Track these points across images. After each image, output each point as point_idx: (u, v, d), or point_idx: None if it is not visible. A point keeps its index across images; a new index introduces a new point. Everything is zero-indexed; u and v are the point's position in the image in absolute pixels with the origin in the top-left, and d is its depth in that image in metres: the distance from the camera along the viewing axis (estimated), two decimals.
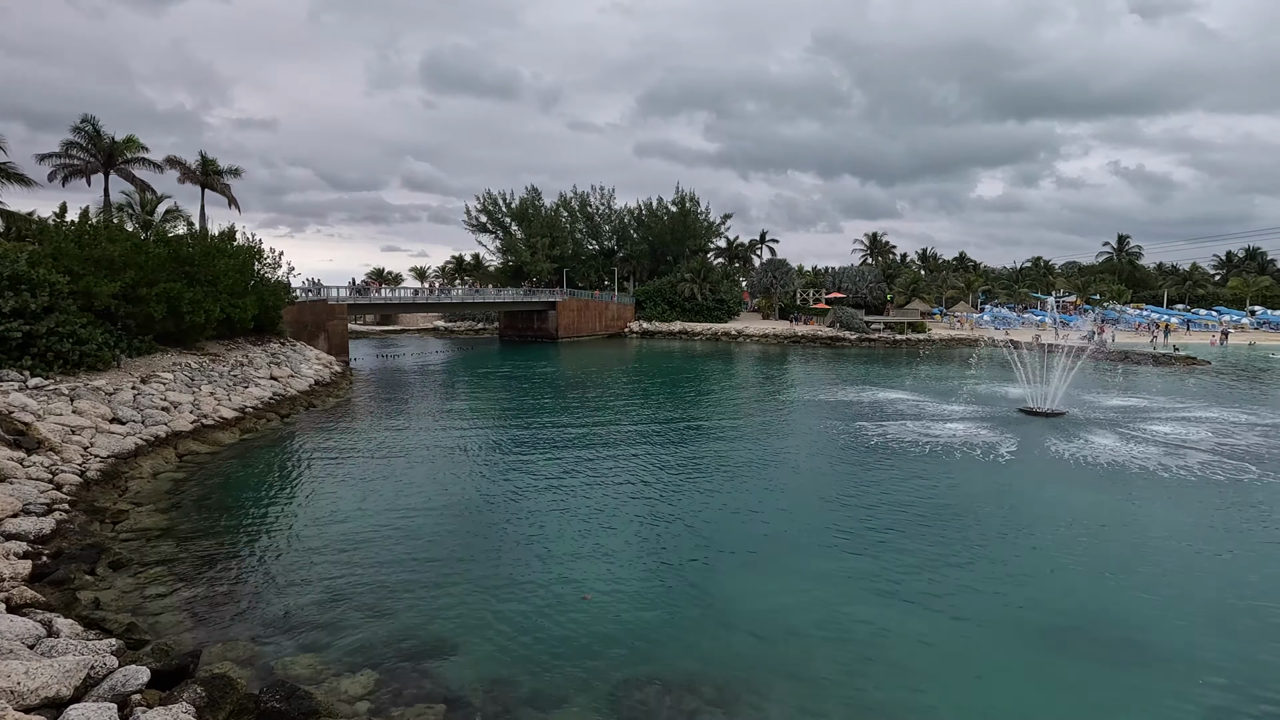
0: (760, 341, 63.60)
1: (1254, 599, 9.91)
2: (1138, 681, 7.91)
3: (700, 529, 12.81)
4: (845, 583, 10.47)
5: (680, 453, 18.95)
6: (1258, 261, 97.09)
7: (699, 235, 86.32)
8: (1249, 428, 22.18)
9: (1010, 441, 19.81)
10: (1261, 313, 75.82)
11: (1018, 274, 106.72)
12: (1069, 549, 11.85)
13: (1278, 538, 12.30)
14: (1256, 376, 38.40)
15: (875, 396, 28.85)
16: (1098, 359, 33.91)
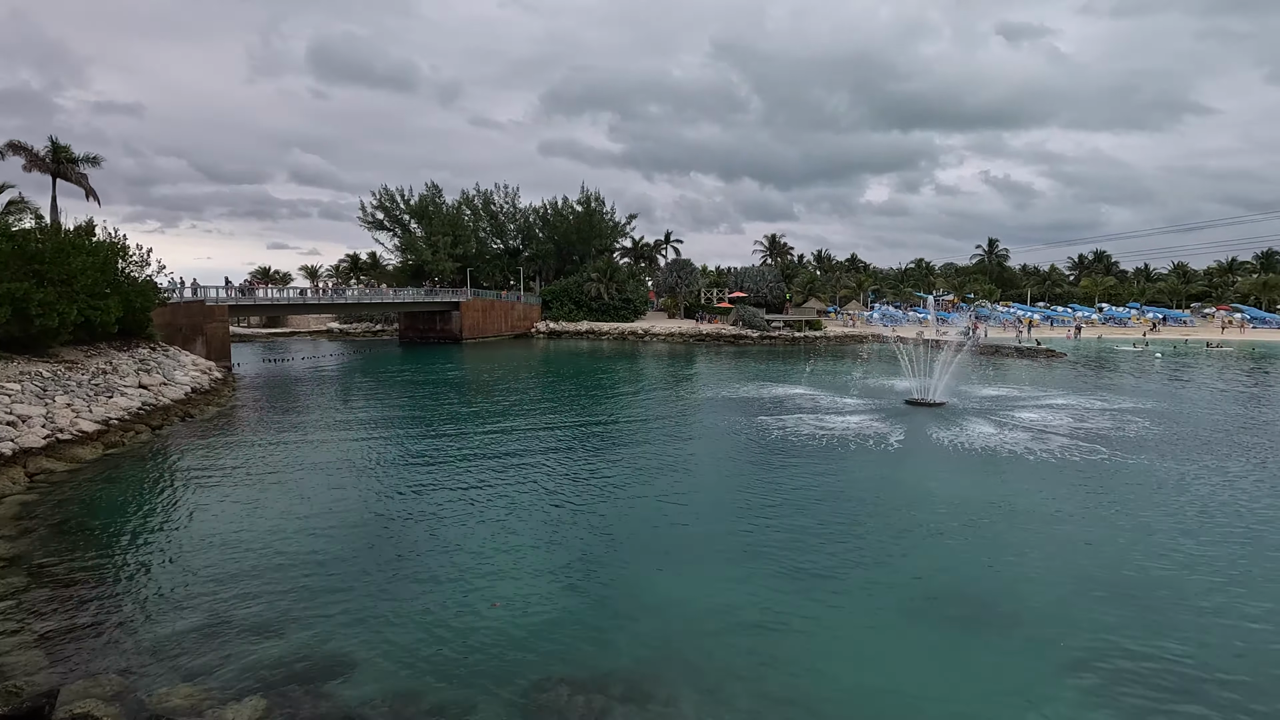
0: (667, 340, 64.57)
1: (1108, 566, 11.05)
2: (1010, 645, 8.64)
3: (609, 529, 12.85)
4: (749, 573, 10.82)
5: (589, 454, 18.94)
6: (1104, 263, 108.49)
7: (605, 235, 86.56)
8: (1100, 413, 24.73)
9: (899, 431, 21.13)
10: (1108, 309, 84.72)
11: (903, 274, 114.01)
12: (952, 528, 12.78)
13: (1125, 512, 13.78)
14: (1104, 366, 42.93)
15: (776, 392, 29.98)
16: (973, 353, 36.76)
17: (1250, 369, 41.82)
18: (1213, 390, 32.23)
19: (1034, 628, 9.06)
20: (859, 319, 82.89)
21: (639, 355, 51.09)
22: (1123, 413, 24.74)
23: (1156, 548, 11.73)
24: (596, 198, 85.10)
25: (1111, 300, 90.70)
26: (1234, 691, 7.55)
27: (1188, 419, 23.88)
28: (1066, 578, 10.59)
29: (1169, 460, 17.72)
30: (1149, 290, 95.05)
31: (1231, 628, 8.97)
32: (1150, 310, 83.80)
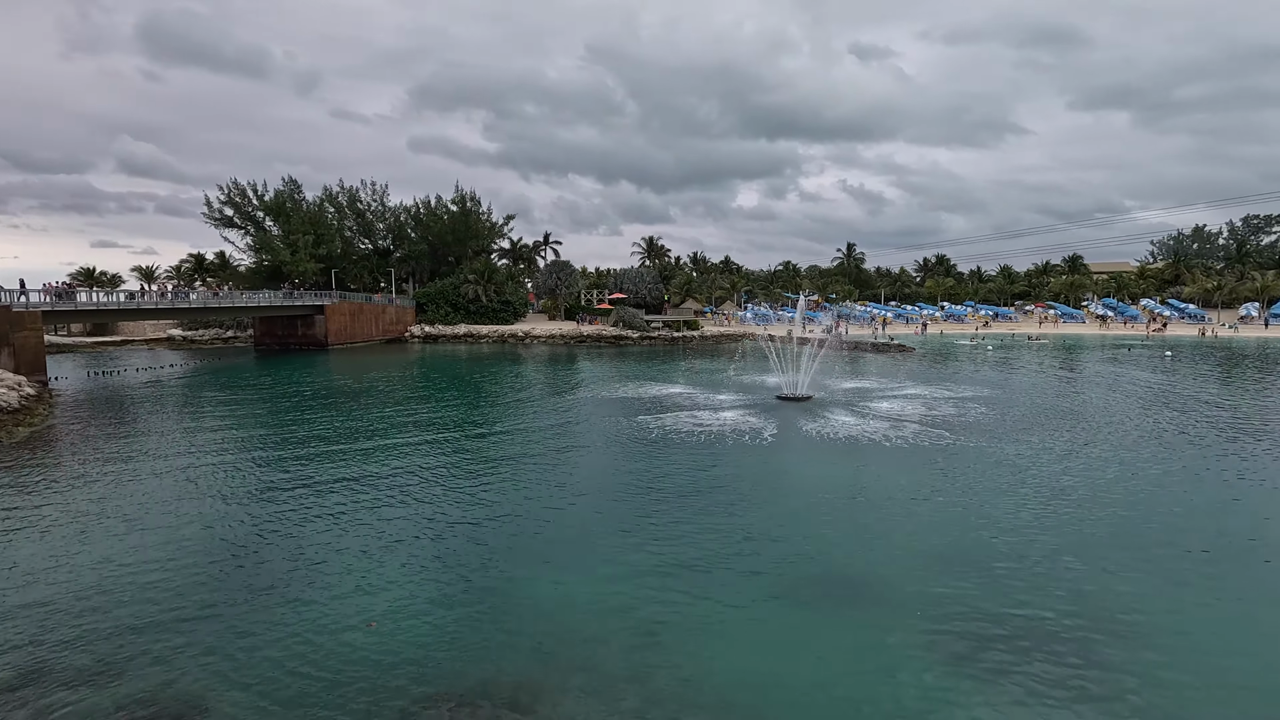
0: (548, 342, 64.02)
1: (957, 540, 12.21)
2: (875, 619, 9.32)
3: (490, 537, 12.54)
4: (630, 571, 10.94)
5: (468, 461, 18.39)
6: (945, 266, 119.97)
7: (482, 235, 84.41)
8: (945, 401, 27.31)
9: (771, 425, 22.22)
10: (949, 308, 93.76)
11: (773, 276, 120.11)
12: (820, 514, 13.60)
13: (970, 490, 15.28)
14: (947, 359, 47.49)
15: (656, 391, 30.57)
16: (836, 350, 39.38)
17: (1063, 358, 47.86)
18: (1035, 377, 36.58)
19: (895, 601, 9.83)
20: (733, 319, 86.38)
21: (520, 358, 50.29)
22: (964, 400, 27.47)
23: (998, 521, 13.11)
24: (472, 197, 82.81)
25: (951, 299, 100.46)
26: (1066, 644, 8.59)
27: (1017, 404, 26.93)
28: (922, 553, 11.59)
29: (1004, 441, 19.87)
30: (981, 290, 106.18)
31: (1064, 587, 10.20)
32: (983, 308, 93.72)
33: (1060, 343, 62.65)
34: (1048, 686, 7.64)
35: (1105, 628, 8.94)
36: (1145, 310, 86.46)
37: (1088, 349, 55.39)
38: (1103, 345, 58.77)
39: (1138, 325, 79.56)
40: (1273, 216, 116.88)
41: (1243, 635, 8.88)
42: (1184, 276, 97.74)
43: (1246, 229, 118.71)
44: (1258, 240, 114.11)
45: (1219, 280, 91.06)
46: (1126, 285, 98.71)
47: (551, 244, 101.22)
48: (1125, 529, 12.67)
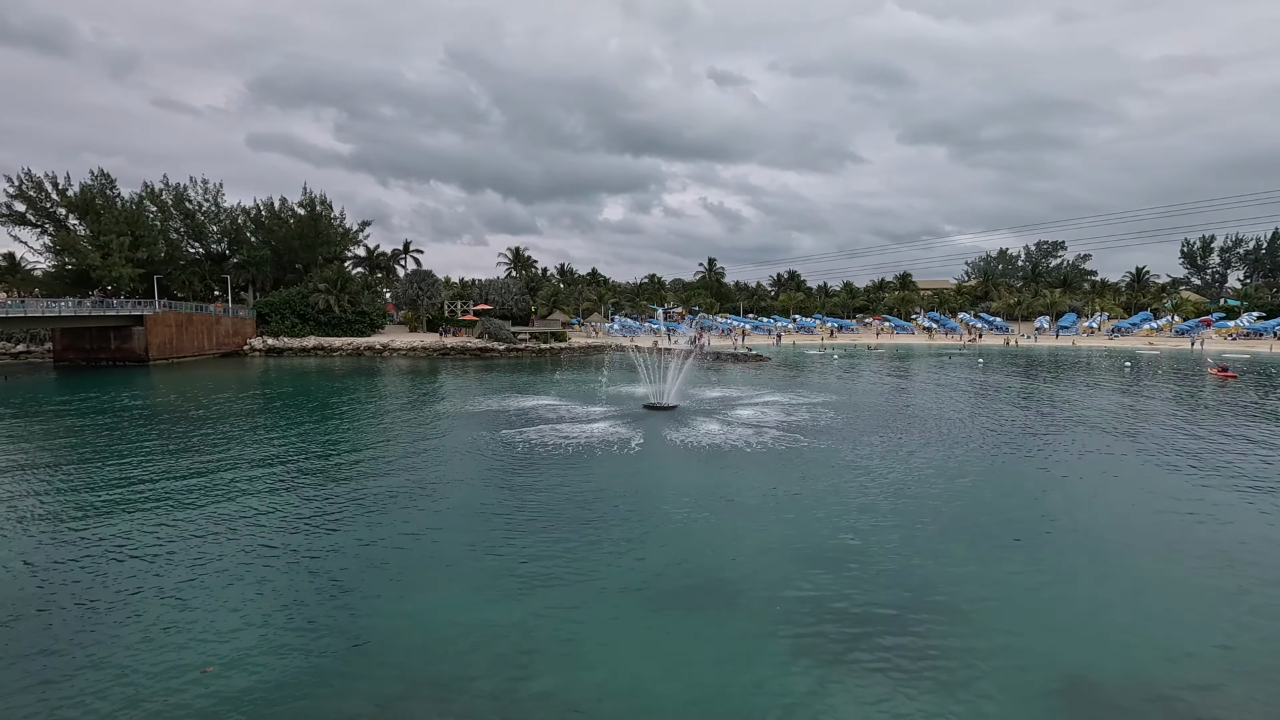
0: (409, 355, 61.10)
1: (811, 538, 13.02)
2: (737, 619, 9.71)
3: (342, 568, 11.70)
4: (497, 592, 10.65)
5: (317, 486, 17.07)
6: (796, 281, 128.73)
7: (334, 242, 79.21)
8: (800, 407, 29.16)
9: (639, 435, 22.59)
10: (800, 320, 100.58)
11: (639, 288, 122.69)
12: (686, 520, 13.99)
13: (823, 490, 16.38)
14: (799, 367, 50.85)
15: (524, 403, 30.10)
16: (699, 360, 40.87)
17: (897, 366, 52.85)
18: (875, 383, 40.07)
19: (757, 601, 10.31)
20: (601, 330, 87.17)
21: (377, 372, 47.54)
22: (815, 405, 29.50)
23: (847, 517, 14.15)
24: (323, 200, 77.51)
25: (802, 312, 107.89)
26: (904, 627, 9.41)
27: (861, 407, 29.32)
28: (782, 553, 12.25)
29: (851, 443, 21.54)
30: (828, 304, 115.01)
31: (904, 576, 11.17)
32: (829, 320, 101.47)
33: (894, 352, 69.14)
34: (889, 667, 8.34)
35: (937, 609, 9.93)
36: (962, 323, 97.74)
37: (917, 357, 61.64)
38: (929, 353, 65.66)
39: (956, 336, 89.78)
40: (1058, 243, 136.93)
41: (1046, 608, 10.21)
42: (992, 293, 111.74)
43: (1039, 253, 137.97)
44: (1047, 263, 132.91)
45: (1019, 297, 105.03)
46: (947, 300, 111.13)
47: (412, 253, 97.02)
48: (953, 519, 14.16)
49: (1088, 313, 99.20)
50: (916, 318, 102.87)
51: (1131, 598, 10.47)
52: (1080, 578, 11.23)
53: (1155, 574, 11.41)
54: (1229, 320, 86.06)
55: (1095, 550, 12.44)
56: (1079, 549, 12.51)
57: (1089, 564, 11.81)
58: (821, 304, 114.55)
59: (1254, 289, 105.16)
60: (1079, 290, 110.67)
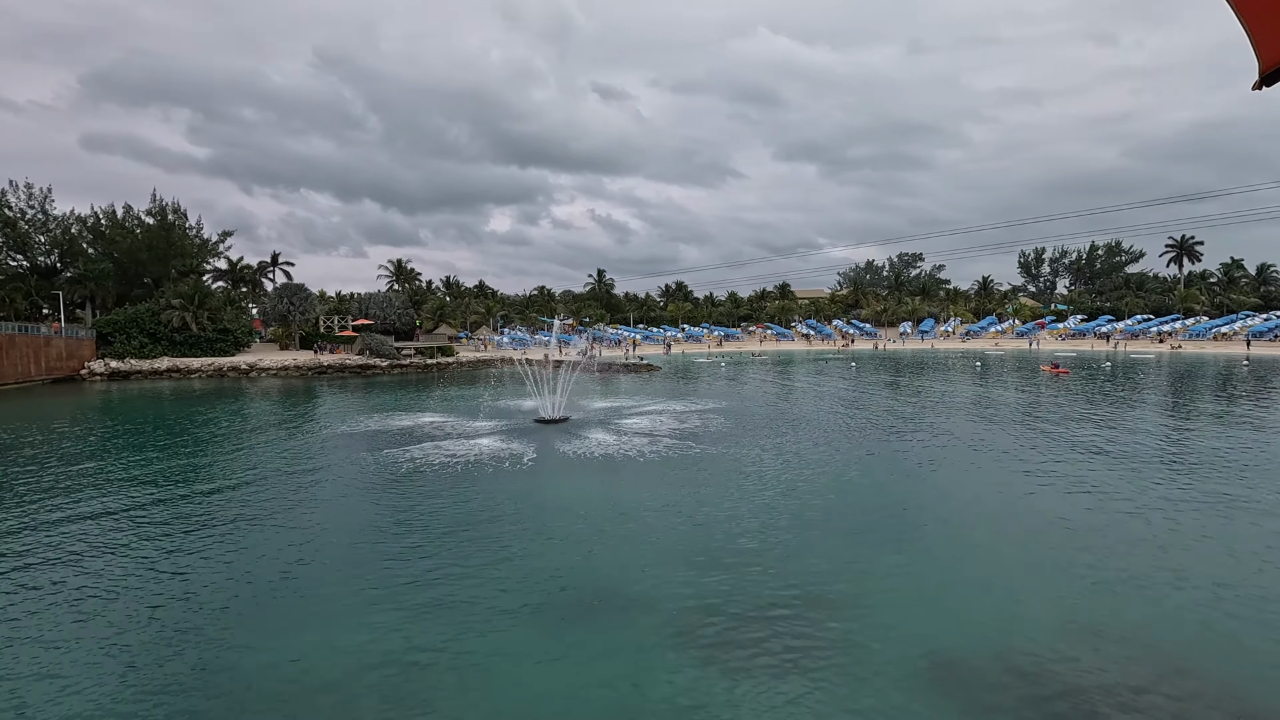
0: (280, 375, 56.91)
1: (706, 542, 13.23)
2: (633, 629, 9.67)
3: (207, 611, 10.59)
4: (382, 618, 10.03)
5: (175, 523, 15.41)
6: (683, 292, 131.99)
7: (189, 254, 72.66)
8: (690, 414, 29.78)
9: (530, 449, 22.18)
10: (688, 329, 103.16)
11: (528, 300, 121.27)
12: (581, 532, 13.82)
13: (716, 494, 16.72)
14: (688, 376, 52.06)
15: (409, 422, 28.77)
16: (590, 371, 40.87)
17: (779, 371, 55.35)
18: (760, 388, 41.71)
19: (653, 609, 10.31)
20: (490, 343, 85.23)
21: (244, 395, 43.84)
22: (705, 412, 30.24)
23: (737, 520, 14.50)
24: (176, 209, 70.99)
25: (690, 321, 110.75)
26: (790, 622, 9.73)
27: (748, 412, 30.38)
28: (675, 560, 12.35)
29: (739, 447, 22.21)
30: (714, 313, 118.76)
31: (789, 573, 11.58)
32: (716, 329, 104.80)
33: (777, 358, 72.45)
34: (781, 662, 8.60)
35: (822, 602, 10.38)
36: (836, 329, 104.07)
37: (797, 362, 64.91)
38: (808, 359, 69.34)
39: (831, 341, 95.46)
40: (918, 254, 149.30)
41: (918, 591, 10.94)
42: (862, 301, 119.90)
43: (901, 264, 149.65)
44: (908, 273, 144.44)
45: (885, 304, 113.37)
46: (822, 308, 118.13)
47: (282, 265, 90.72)
48: (835, 514, 14.90)
49: (944, 318, 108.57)
50: (796, 325, 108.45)
51: (992, 577, 11.43)
52: (947, 561, 12.14)
53: (1013, 553, 12.53)
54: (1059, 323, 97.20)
55: (960, 535, 13.51)
56: (945, 535, 13.54)
57: (955, 548, 12.80)
58: (708, 313, 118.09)
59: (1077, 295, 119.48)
60: (936, 298, 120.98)
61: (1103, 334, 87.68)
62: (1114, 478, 17.60)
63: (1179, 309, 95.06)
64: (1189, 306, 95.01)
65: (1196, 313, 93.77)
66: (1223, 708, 7.62)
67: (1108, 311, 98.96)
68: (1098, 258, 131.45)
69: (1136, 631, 9.43)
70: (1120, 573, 11.40)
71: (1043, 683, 8.11)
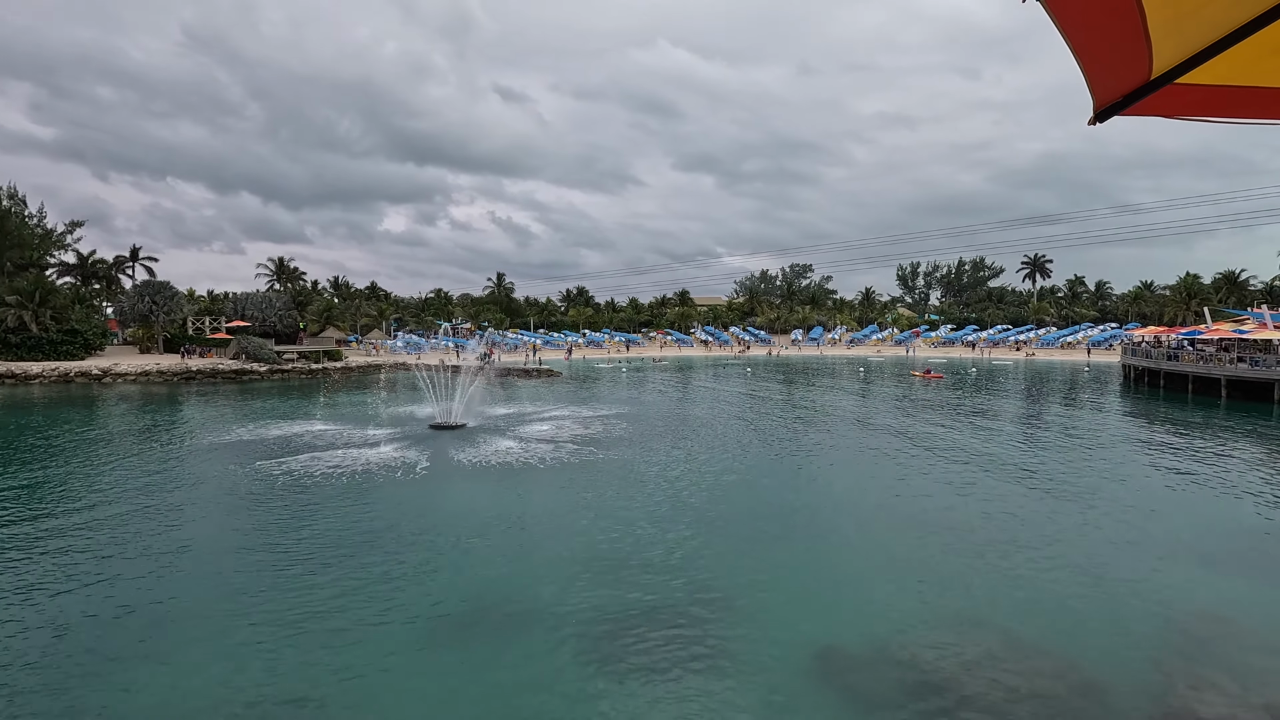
0: (140, 381, 51.72)
1: (596, 548, 13.20)
2: (533, 639, 9.48)
3: (62, 645, 9.41)
4: (263, 640, 9.29)
5: (12, 552, 13.62)
6: (585, 297, 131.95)
7: (28, 245, 64.77)
8: (592, 420, 29.70)
9: (424, 457, 21.35)
10: (590, 335, 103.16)
11: (424, 303, 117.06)
12: (473, 543, 13.43)
13: (612, 500, 16.74)
14: (590, 381, 52.01)
15: (290, 430, 26.94)
16: (489, 376, 39.93)
17: (680, 376, 56.42)
18: (661, 394, 42.30)
19: (553, 617, 10.16)
20: (382, 347, 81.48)
21: (94, 403, 39.47)
22: (607, 417, 30.28)
23: (637, 525, 14.58)
24: (12, 194, 63.06)
25: (591, 327, 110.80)
26: (689, 622, 9.88)
27: (649, 418, 30.69)
28: (573, 566, 12.24)
29: (641, 452, 22.37)
30: (615, 319, 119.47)
31: (687, 576, 11.75)
32: (617, 335, 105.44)
33: (677, 364, 73.79)
34: (670, 663, 8.71)
35: (715, 603, 10.63)
36: (734, 336, 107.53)
37: (697, 368, 66.43)
38: (707, 364, 71.12)
39: (729, 348, 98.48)
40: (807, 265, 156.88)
41: (804, 589, 11.42)
42: (757, 309, 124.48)
43: (793, 274, 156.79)
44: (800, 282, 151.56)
45: (778, 312, 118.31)
46: (720, 315, 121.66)
47: (143, 260, 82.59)
48: (729, 517, 15.32)
49: (831, 326, 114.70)
50: (695, 331, 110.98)
51: (870, 573, 12.13)
52: (831, 560, 12.78)
53: (889, 550, 13.35)
54: (932, 331, 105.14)
55: (843, 534, 14.26)
56: (830, 534, 14.25)
57: (838, 547, 13.49)
58: (610, 319, 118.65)
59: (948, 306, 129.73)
60: (824, 307, 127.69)
61: (969, 342, 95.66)
62: (978, 476, 19.19)
63: (1033, 320, 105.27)
64: (1040, 318, 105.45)
65: (1047, 323, 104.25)
66: (1067, 679, 8.45)
67: (973, 322, 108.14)
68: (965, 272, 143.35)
69: (995, 618, 10.30)
70: (981, 563, 12.42)
71: (917, 669, 8.68)
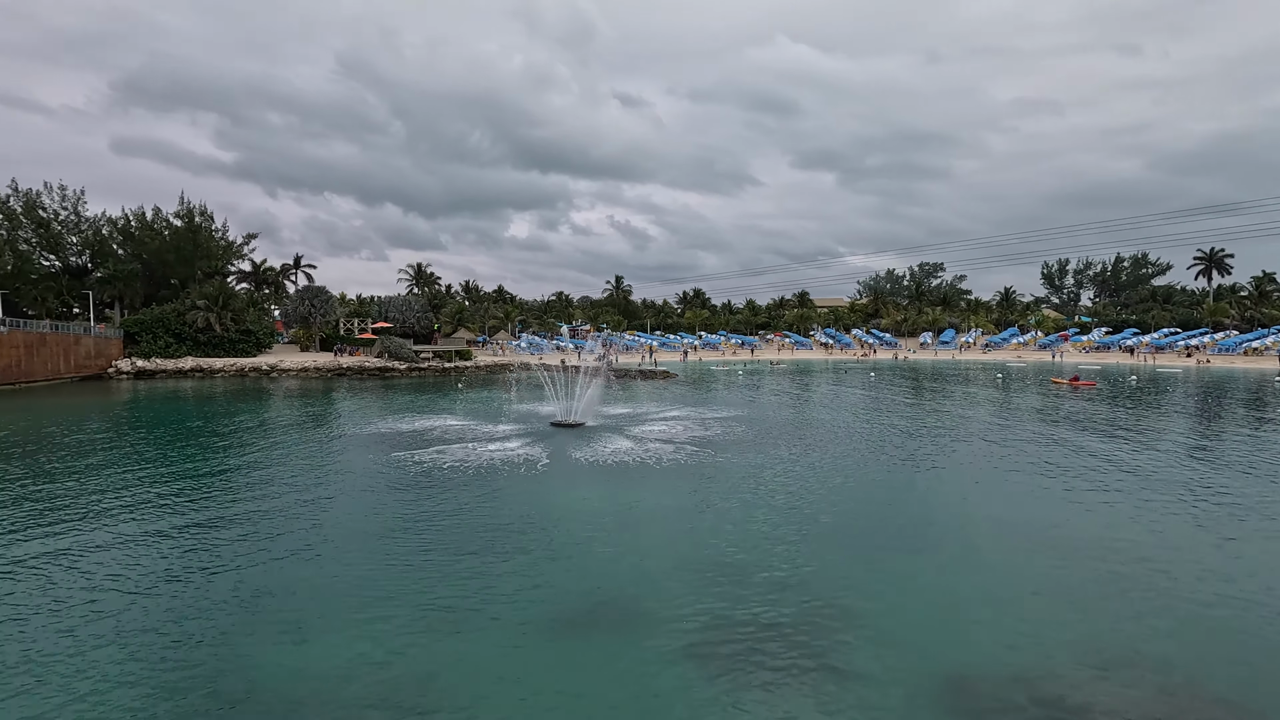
0: (300, 376, 57.62)
1: (712, 552, 13.10)
2: (644, 640, 9.58)
3: (218, 608, 10.68)
4: (392, 623, 10.03)
5: (191, 520, 15.59)
6: (701, 299, 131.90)
7: (215, 256, 74.03)
8: (707, 422, 29.62)
9: (545, 454, 22.18)
10: (706, 336, 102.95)
11: (546, 306, 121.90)
12: (590, 539, 13.76)
13: (726, 503, 16.59)
14: (705, 383, 51.87)
15: (425, 424, 28.95)
16: (606, 377, 40.88)
17: (797, 380, 54.98)
18: (778, 397, 41.44)
19: (664, 619, 10.22)
20: (508, 348, 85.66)
21: (265, 395, 44.42)
22: (723, 420, 30.09)
23: (753, 530, 14.36)
24: (203, 211, 72.31)
25: (707, 329, 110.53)
26: (805, 635, 9.60)
27: (765, 421, 30.16)
28: (688, 568, 12.24)
29: (756, 455, 22.03)
30: (732, 321, 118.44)
31: (806, 585, 11.43)
32: (733, 337, 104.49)
33: (795, 367, 71.97)
34: (785, 677, 8.46)
35: (834, 616, 10.22)
36: (856, 339, 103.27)
37: (816, 372, 64.42)
38: (827, 368, 68.81)
39: (851, 351, 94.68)
40: (938, 264, 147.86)
41: (931, 609, 10.73)
42: (882, 311, 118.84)
43: (921, 273, 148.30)
44: (929, 282, 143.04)
45: (905, 314, 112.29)
46: (842, 317, 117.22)
47: (304, 267, 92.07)
48: (850, 526, 14.71)
49: (965, 329, 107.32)
50: (814, 334, 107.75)
51: (1010, 595, 11.19)
52: (964, 577, 11.90)
53: (1033, 572, 12.26)
54: (1083, 335, 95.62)
55: (977, 550, 13.25)
56: (962, 551, 13.29)
57: (972, 564, 12.55)
58: (726, 321, 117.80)
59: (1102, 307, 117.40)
60: (957, 308, 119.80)
61: (1127, 347, 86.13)
62: (1140, 498, 17.20)
63: (1207, 322, 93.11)
64: (1218, 320, 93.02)
65: (1226, 326, 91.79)
66: None
67: (1133, 324, 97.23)
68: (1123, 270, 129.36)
69: (1164, 661, 9.16)
70: (1148, 598, 11.11)
71: (1063, 710, 7.90)
